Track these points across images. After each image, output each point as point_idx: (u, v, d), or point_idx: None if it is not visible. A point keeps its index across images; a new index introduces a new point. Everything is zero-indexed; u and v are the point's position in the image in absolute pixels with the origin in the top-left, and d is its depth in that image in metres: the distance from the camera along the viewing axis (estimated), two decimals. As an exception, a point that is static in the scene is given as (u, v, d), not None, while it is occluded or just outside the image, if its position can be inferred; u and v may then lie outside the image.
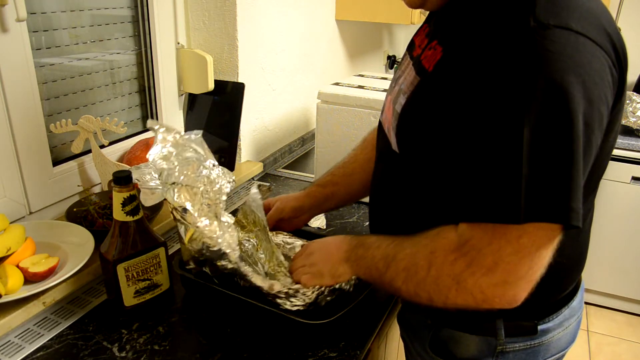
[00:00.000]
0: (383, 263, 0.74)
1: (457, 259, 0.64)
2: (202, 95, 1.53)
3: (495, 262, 0.61)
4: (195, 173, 0.89)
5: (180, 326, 0.93)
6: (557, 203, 0.57)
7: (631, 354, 2.34)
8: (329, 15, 2.03)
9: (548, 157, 0.57)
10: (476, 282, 0.62)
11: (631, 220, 2.39)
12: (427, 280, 0.67)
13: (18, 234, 0.94)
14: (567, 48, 0.56)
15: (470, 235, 0.63)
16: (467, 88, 0.62)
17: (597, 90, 0.58)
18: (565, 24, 0.57)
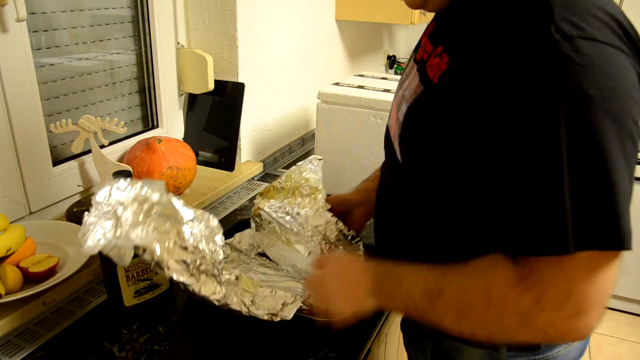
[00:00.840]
0: (427, 301, 0.67)
1: (520, 295, 0.58)
2: (202, 95, 1.53)
3: (569, 293, 0.56)
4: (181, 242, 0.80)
5: (180, 326, 0.93)
6: (605, 228, 0.54)
7: (631, 354, 2.34)
8: (329, 15, 2.03)
9: (590, 179, 0.53)
10: (547, 317, 0.57)
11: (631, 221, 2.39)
12: (486, 320, 0.61)
13: (18, 234, 0.94)
14: (595, 60, 0.53)
15: (532, 267, 0.57)
16: (484, 106, 0.58)
17: (631, 99, 0.55)
18: (589, 34, 0.53)
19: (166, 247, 0.78)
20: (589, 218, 0.53)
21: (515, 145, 0.56)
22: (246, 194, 1.49)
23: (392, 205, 0.83)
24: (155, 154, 1.26)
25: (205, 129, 1.54)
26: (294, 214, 1.02)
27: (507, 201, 0.58)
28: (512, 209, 0.57)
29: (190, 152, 1.34)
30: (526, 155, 0.55)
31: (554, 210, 0.54)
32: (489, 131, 0.58)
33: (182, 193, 1.35)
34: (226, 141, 1.52)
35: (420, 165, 0.72)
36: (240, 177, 1.50)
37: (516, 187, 0.56)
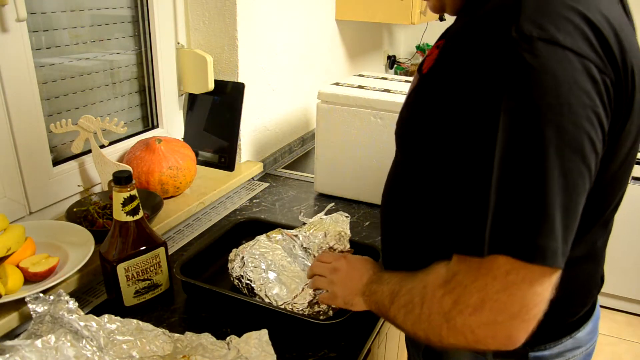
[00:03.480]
0: (389, 299, 0.71)
1: (444, 295, 0.58)
2: (202, 95, 1.53)
3: (482, 300, 0.54)
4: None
5: (180, 326, 0.93)
6: (524, 239, 0.51)
7: (631, 354, 2.34)
8: (329, 15, 2.03)
9: (518, 185, 0.51)
10: (465, 321, 0.56)
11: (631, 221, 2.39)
12: (421, 317, 0.62)
13: (18, 234, 0.94)
14: (549, 64, 0.50)
15: (457, 269, 0.57)
16: (446, 98, 0.59)
17: (584, 111, 0.51)
18: (550, 37, 0.51)
19: None
20: (509, 225, 0.52)
21: (460, 142, 0.56)
22: (246, 194, 1.49)
23: (394, 201, 0.84)
24: (155, 154, 1.26)
25: (205, 129, 1.54)
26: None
27: (449, 197, 0.58)
28: (451, 205, 0.58)
29: (190, 152, 1.34)
30: (465, 154, 0.55)
31: (478, 211, 0.53)
32: (449, 126, 0.58)
33: (182, 193, 1.35)
34: (226, 141, 1.52)
35: (412, 156, 0.73)
36: (240, 177, 1.50)
37: (455, 184, 0.57)
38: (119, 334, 0.80)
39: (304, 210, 1.40)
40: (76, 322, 0.77)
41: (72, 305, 0.81)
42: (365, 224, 1.32)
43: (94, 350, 0.76)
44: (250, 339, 0.81)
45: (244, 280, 0.96)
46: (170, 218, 1.22)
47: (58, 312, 0.79)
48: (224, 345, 0.82)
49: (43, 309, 0.82)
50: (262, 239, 1.06)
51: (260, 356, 0.78)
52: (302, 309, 0.91)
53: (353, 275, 0.86)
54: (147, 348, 0.80)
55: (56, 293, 0.83)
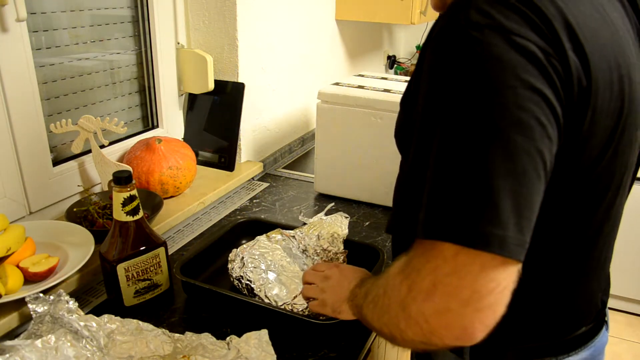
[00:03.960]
0: (363, 298, 0.69)
1: (401, 282, 0.56)
2: (202, 95, 1.53)
3: (433, 284, 0.51)
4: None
5: (180, 326, 0.93)
6: (466, 225, 0.49)
7: (631, 354, 2.34)
8: (329, 15, 2.03)
9: (459, 169, 0.50)
10: (419, 308, 0.53)
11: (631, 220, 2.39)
12: (383, 308, 0.60)
13: (18, 234, 0.94)
14: (495, 49, 0.50)
15: (413, 254, 0.55)
16: (411, 91, 0.62)
17: (530, 94, 0.50)
18: (498, 23, 0.51)
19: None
20: (448, 210, 0.50)
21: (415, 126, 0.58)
22: (246, 194, 1.49)
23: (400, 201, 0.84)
24: (155, 154, 1.26)
25: (205, 129, 1.54)
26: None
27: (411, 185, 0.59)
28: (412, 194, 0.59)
29: (190, 152, 1.34)
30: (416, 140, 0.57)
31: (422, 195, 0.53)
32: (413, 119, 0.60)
33: (182, 193, 1.35)
34: (226, 141, 1.52)
35: (405, 154, 0.74)
36: (240, 177, 1.50)
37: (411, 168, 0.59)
38: (119, 334, 0.80)
39: (304, 210, 1.40)
40: (76, 322, 0.77)
41: (72, 305, 0.81)
42: (365, 224, 1.32)
43: (94, 350, 0.77)
44: (250, 339, 0.81)
45: (243, 280, 0.96)
46: (170, 218, 1.22)
47: (58, 312, 0.79)
48: (224, 345, 0.82)
49: (43, 309, 0.82)
50: (261, 239, 1.06)
51: (260, 356, 0.78)
52: (302, 310, 0.91)
53: (343, 282, 0.85)
54: (147, 348, 0.80)
55: (56, 293, 0.83)
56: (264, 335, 0.81)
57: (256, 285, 0.95)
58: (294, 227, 1.11)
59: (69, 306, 0.80)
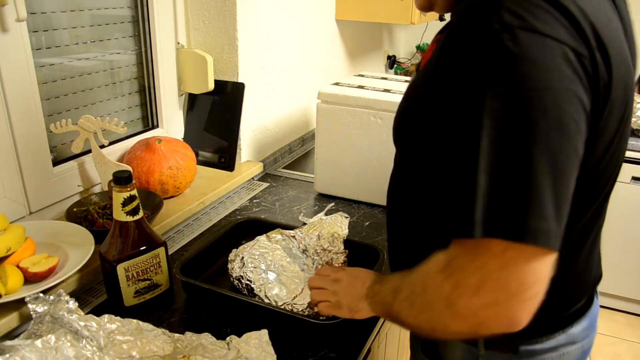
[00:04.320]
0: (392, 296, 0.70)
1: (444, 280, 0.58)
2: (202, 95, 1.53)
3: (482, 280, 0.55)
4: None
5: (180, 326, 0.93)
6: (514, 221, 0.52)
7: (631, 354, 2.34)
8: (329, 15, 2.03)
9: (506, 168, 0.53)
10: (466, 304, 0.56)
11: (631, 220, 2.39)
12: (423, 307, 0.62)
13: (18, 234, 0.94)
14: (530, 51, 0.52)
15: (455, 253, 0.58)
16: (436, 90, 0.61)
17: (566, 94, 0.54)
18: (530, 26, 0.53)
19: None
20: (499, 208, 0.53)
21: (450, 131, 0.58)
22: (246, 194, 1.49)
23: (396, 200, 0.85)
24: (155, 154, 1.26)
25: (205, 129, 1.54)
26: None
27: (444, 185, 0.60)
28: (446, 192, 0.59)
29: (190, 152, 1.34)
30: (455, 141, 0.57)
31: (469, 195, 0.54)
32: (439, 117, 0.60)
33: (182, 193, 1.35)
34: (226, 141, 1.52)
35: (408, 152, 0.75)
36: (240, 177, 1.50)
37: (448, 171, 0.58)
38: (119, 334, 0.80)
39: (304, 210, 1.40)
40: (76, 322, 0.77)
41: (72, 305, 0.81)
42: (365, 224, 1.32)
43: (94, 350, 0.76)
44: (250, 339, 0.81)
45: (243, 280, 0.96)
46: (170, 218, 1.22)
47: (58, 312, 0.79)
48: (224, 345, 0.82)
49: (43, 309, 0.82)
50: (261, 239, 1.06)
51: (260, 356, 0.78)
52: (302, 310, 0.91)
53: (355, 282, 0.85)
54: (147, 348, 0.80)
55: (56, 293, 0.83)
56: (264, 335, 0.81)
57: (256, 285, 0.95)
58: (294, 227, 1.11)
59: (69, 306, 0.80)
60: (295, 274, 1.00)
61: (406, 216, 0.82)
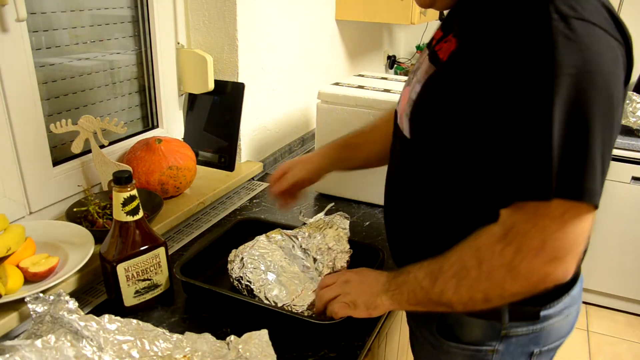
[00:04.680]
0: (429, 280, 0.74)
1: (504, 248, 0.66)
2: (202, 95, 1.53)
3: (543, 241, 0.63)
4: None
5: (180, 326, 0.93)
6: (578, 183, 0.62)
7: (631, 354, 2.34)
8: (329, 15, 2.03)
9: (572, 139, 0.61)
10: (528, 265, 0.65)
11: (631, 220, 2.39)
12: (480, 278, 0.68)
13: (18, 234, 0.94)
14: (585, 38, 0.60)
15: (513, 221, 0.65)
16: (487, 76, 0.66)
17: (614, 77, 0.63)
18: (582, 16, 0.61)
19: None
20: (568, 173, 0.61)
21: (516, 107, 0.63)
22: (246, 194, 1.49)
23: (404, 182, 0.87)
24: (155, 154, 1.26)
25: (205, 129, 1.54)
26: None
27: (506, 157, 0.65)
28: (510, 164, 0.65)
29: (190, 152, 1.34)
30: (525, 117, 0.63)
31: (542, 163, 0.62)
32: (493, 97, 0.65)
33: (182, 193, 1.35)
34: (226, 141, 1.52)
35: (429, 138, 0.78)
36: (240, 177, 1.50)
37: (515, 144, 0.64)
38: (119, 334, 0.80)
39: (304, 210, 1.40)
40: (76, 322, 0.77)
41: (72, 305, 0.81)
42: (365, 224, 1.32)
43: (94, 350, 0.76)
44: (250, 339, 0.81)
45: (243, 281, 0.96)
46: (170, 218, 1.22)
47: (58, 312, 0.79)
48: (224, 345, 0.82)
49: (43, 309, 0.82)
50: (261, 239, 1.06)
51: (260, 356, 0.78)
52: (301, 311, 0.91)
53: (367, 280, 0.86)
54: (147, 348, 0.80)
55: (56, 293, 0.83)
56: (264, 336, 0.81)
57: (256, 287, 0.95)
58: (293, 227, 1.11)
59: (69, 306, 0.80)
60: (295, 274, 1.00)
61: (414, 204, 0.85)
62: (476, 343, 0.85)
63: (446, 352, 0.88)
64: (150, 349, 0.80)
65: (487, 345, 0.84)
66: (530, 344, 0.85)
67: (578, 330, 2.46)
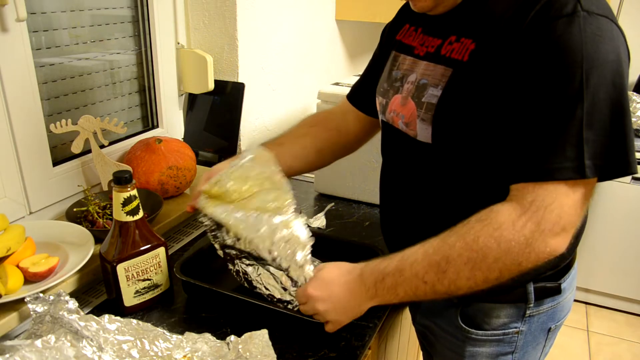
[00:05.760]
0: (434, 273, 0.72)
1: (527, 222, 0.68)
2: (202, 95, 1.53)
3: (559, 216, 0.68)
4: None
5: (180, 326, 0.93)
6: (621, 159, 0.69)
7: (631, 354, 2.34)
8: (329, 15, 2.03)
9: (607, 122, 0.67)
10: (544, 238, 0.68)
11: (631, 220, 2.39)
12: (499, 257, 0.69)
13: (18, 234, 0.94)
14: (607, 33, 0.67)
15: (534, 196, 0.69)
16: (519, 70, 0.70)
17: (625, 65, 0.69)
18: (602, 13, 0.68)
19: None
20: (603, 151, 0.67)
21: (548, 96, 0.68)
22: (246, 194, 1.49)
23: (419, 185, 0.88)
24: (155, 154, 1.26)
25: (205, 129, 1.54)
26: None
27: (535, 141, 0.69)
28: (540, 146, 0.69)
29: (190, 152, 1.34)
30: (556, 101, 0.67)
31: (575, 144, 0.67)
32: (522, 87, 0.70)
33: (182, 193, 1.35)
34: (226, 141, 1.52)
35: (459, 139, 0.78)
36: (240, 177, 1.50)
37: (545, 127, 0.68)
38: (119, 334, 0.80)
39: (304, 210, 1.40)
40: (76, 322, 0.77)
41: (72, 305, 0.81)
42: (365, 224, 1.32)
43: (94, 350, 0.76)
44: (250, 339, 0.81)
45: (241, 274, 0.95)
46: (170, 218, 1.22)
47: (58, 312, 0.79)
48: (223, 345, 0.82)
49: (43, 309, 0.82)
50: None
51: (260, 356, 0.78)
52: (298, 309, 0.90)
53: (343, 301, 0.80)
54: (147, 348, 0.80)
55: (56, 293, 0.83)
56: (264, 336, 0.81)
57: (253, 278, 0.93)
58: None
59: (69, 306, 0.80)
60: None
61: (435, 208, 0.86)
62: (502, 327, 0.87)
63: (473, 341, 0.89)
64: (150, 349, 0.80)
65: (513, 327, 0.87)
66: (548, 321, 0.89)
67: (578, 330, 2.46)
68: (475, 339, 0.89)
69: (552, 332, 0.92)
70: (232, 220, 0.91)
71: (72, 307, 0.80)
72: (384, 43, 1.02)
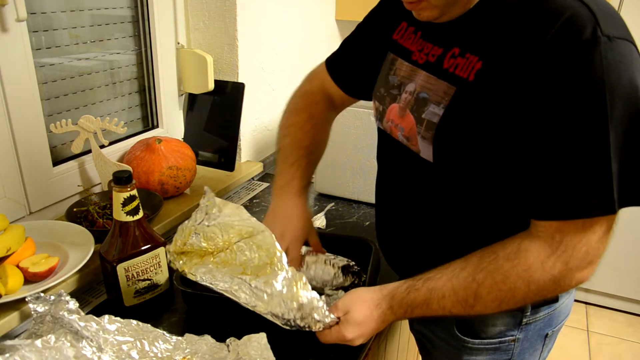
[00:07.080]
0: (462, 307, 0.74)
1: (556, 262, 0.69)
2: (202, 95, 1.53)
3: (587, 252, 0.68)
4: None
5: (180, 327, 0.93)
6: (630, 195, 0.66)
7: (631, 354, 2.34)
8: (329, 15, 2.03)
9: (630, 151, 0.65)
10: (572, 275, 0.69)
11: (631, 220, 2.39)
12: (527, 295, 0.71)
13: (18, 234, 0.94)
14: (627, 57, 0.64)
15: (562, 235, 0.68)
16: (535, 98, 0.66)
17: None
18: (622, 35, 0.65)
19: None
20: (630, 183, 0.65)
21: (571, 127, 0.64)
22: (246, 194, 1.49)
23: (420, 204, 0.86)
24: (155, 154, 1.26)
25: (205, 129, 1.54)
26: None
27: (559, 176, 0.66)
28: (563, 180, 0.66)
29: (190, 152, 1.34)
30: (580, 136, 0.64)
31: (603, 179, 0.64)
32: (539, 117, 0.66)
33: (182, 193, 1.35)
34: (226, 141, 1.52)
35: (460, 159, 0.76)
36: (240, 177, 1.50)
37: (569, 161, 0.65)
38: (118, 335, 0.80)
39: (304, 210, 1.40)
40: (76, 322, 0.77)
41: (73, 305, 0.81)
42: (365, 224, 1.32)
43: (93, 351, 0.77)
44: (249, 342, 0.81)
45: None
46: (170, 218, 1.22)
47: (58, 312, 0.79)
48: (223, 347, 0.82)
49: (44, 309, 0.82)
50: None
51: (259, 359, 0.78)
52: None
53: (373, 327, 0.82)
54: (146, 349, 0.80)
55: (57, 293, 0.83)
56: (263, 338, 0.81)
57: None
58: None
59: (70, 306, 0.80)
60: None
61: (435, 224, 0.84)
62: (498, 335, 0.87)
63: (469, 350, 0.89)
64: (149, 349, 0.80)
65: (509, 335, 0.87)
66: (545, 327, 0.89)
67: (578, 330, 2.46)
68: (471, 348, 0.89)
69: (549, 338, 0.91)
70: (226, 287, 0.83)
71: (72, 307, 0.81)
72: (377, 35, 0.94)
